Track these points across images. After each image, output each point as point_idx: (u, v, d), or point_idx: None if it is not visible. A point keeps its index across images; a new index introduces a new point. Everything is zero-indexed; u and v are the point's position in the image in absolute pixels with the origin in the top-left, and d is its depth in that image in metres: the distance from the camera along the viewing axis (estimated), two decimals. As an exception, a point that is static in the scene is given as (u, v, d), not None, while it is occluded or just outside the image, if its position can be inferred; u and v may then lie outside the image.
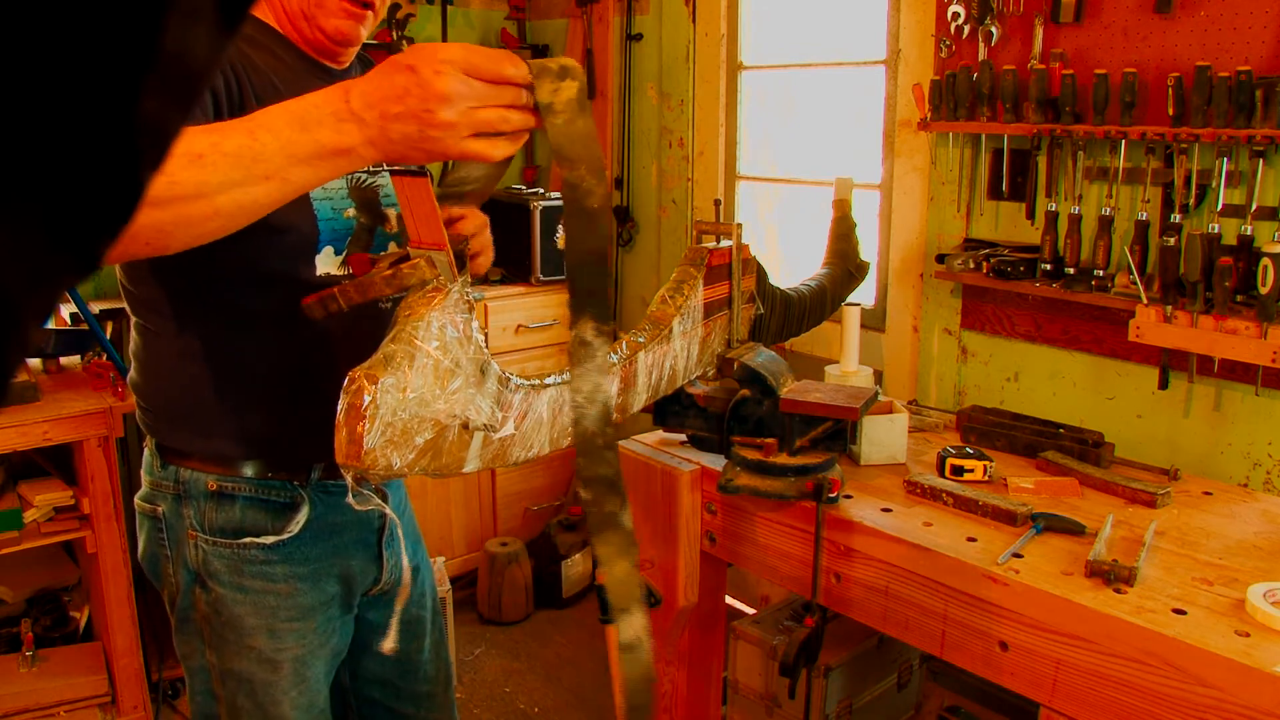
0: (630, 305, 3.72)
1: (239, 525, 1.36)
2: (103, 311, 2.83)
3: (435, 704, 1.70)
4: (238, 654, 1.40)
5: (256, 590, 1.37)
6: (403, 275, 1.03)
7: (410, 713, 1.68)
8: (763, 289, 1.87)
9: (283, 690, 1.42)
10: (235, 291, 1.30)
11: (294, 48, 1.36)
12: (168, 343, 1.34)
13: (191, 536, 1.37)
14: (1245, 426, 2.06)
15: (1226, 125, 1.92)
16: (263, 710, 1.42)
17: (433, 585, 1.71)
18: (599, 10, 3.61)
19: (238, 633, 1.39)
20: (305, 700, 1.44)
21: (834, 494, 1.61)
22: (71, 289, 2.34)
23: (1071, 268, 2.20)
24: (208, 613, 1.40)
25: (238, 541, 1.36)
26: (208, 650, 1.43)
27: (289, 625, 1.40)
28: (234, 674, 1.41)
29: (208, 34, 0.29)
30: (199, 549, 1.37)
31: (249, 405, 1.34)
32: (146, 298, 1.34)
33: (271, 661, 1.40)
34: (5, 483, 2.60)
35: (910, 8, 2.57)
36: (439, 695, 1.70)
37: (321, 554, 1.42)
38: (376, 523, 1.51)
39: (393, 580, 1.55)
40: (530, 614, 3.43)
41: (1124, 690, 1.31)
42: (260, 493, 1.36)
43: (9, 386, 2.31)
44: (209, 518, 1.36)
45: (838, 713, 2.34)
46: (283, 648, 1.40)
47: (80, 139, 0.27)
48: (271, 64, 1.30)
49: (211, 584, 1.37)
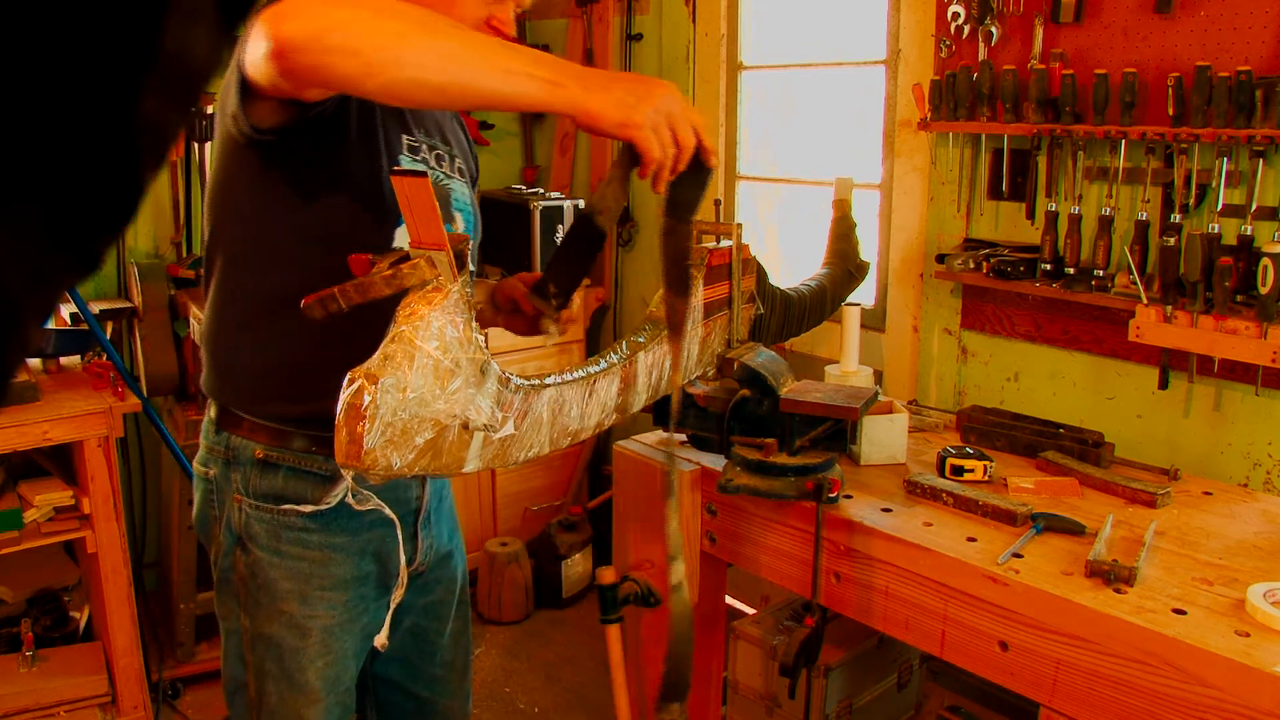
0: (630, 305, 3.72)
1: (280, 492, 1.41)
2: (103, 311, 2.83)
3: (449, 689, 1.73)
4: (269, 618, 1.45)
5: (292, 556, 1.43)
6: (403, 275, 1.03)
7: (425, 696, 1.72)
8: (763, 289, 1.87)
9: (309, 658, 1.46)
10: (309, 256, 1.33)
11: None
12: (240, 305, 1.40)
13: (237, 500, 1.43)
14: (1245, 426, 2.06)
15: (1226, 125, 1.92)
16: (288, 676, 1.46)
17: (464, 573, 1.74)
18: (599, 10, 3.61)
19: (271, 596, 1.44)
20: (331, 672, 1.48)
21: (834, 494, 1.61)
22: (71, 289, 2.35)
23: (1071, 268, 2.20)
24: (245, 575, 1.45)
25: (278, 507, 1.41)
26: (242, 614, 1.48)
27: (321, 594, 1.45)
28: (264, 638, 1.46)
29: (208, 34, 0.29)
30: (242, 512, 1.43)
31: (304, 378, 1.37)
32: (229, 254, 1.39)
33: (301, 628, 1.45)
34: (5, 483, 2.60)
35: (910, 8, 2.57)
36: (454, 682, 1.74)
37: (358, 528, 1.45)
38: (414, 504, 1.55)
39: (427, 563, 1.60)
40: (530, 614, 3.43)
41: (1124, 690, 1.31)
42: (304, 464, 1.41)
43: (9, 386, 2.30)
44: (254, 483, 1.42)
45: (838, 713, 2.34)
46: (313, 615, 1.45)
47: (81, 139, 0.27)
48: None
49: (251, 546, 1.43)
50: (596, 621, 1.85)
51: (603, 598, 1.76)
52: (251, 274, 1.37)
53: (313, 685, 1.47)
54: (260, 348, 1.39)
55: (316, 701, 1.48)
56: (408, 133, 1.44)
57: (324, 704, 1.49)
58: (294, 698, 1.48)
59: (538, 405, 1.22)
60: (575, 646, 3.26)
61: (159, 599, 3.32)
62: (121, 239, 2.88)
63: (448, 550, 1.67)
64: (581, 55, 3.68)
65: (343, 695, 1.52)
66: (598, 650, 3.14)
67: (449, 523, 1.69)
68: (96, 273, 0.38)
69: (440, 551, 1.65)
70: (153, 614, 3.22)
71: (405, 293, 1.04)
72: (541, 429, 1.24)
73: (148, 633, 2.98)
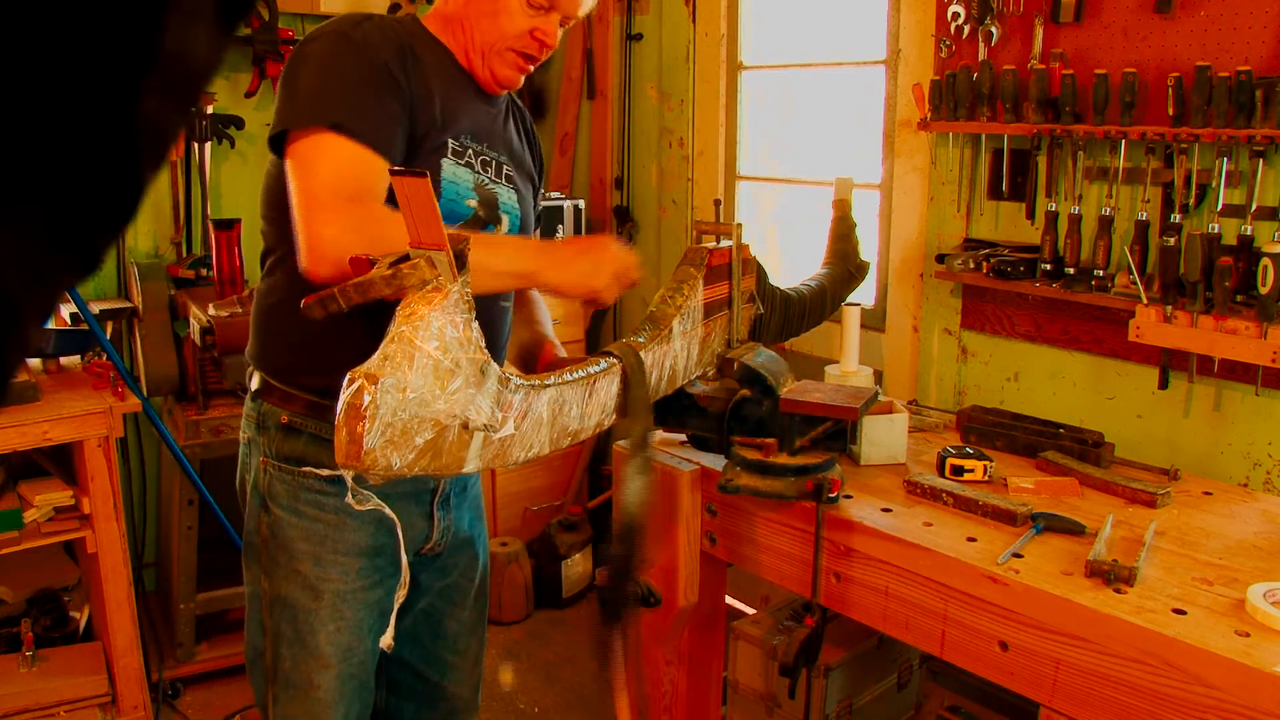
0: (630, 305, 3.72)
1: (301, 455, 1.52)
2: (103, 311, 2.83)
3: (460, 677, 1.79)
4: (286, 578, 1.54)
5: (309, 516, 1.52)
6: (403, 275, 1.03)
7: (434, 679, 1.77)
8: (763, 289, 1.87)
9: (320, 621, 1.53)
10: None
11: (456, 63, 1.58)
12: (280, 282, 1.52)
13: (263, 462, 1.55)
14: (1245, 426, 2.06)
15: (1226, 125, 1.92)
16: (301, 639, 1.54)
17: (485, 565, 1.80)
18: (599, 10, 3.61)
19: (288, 555, 1.53)
20: (342, 640, 1.54)
21: (834, 494, 1.61)
22: (71, 289, 2.34)
23: (1071, 268, 2.20)
24: (266, 535, 1.55)
25: (299, 469, 1.52)
26: (263, 575, 1.57)
27: (334, 557, 1.53)
28: (280, 599, 1.55)
29: (208, 34, 0.29)
30: (267, 473, 1.54)
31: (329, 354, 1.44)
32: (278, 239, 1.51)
33: (314, 589, 1.53)
34: (5, 483, 2.60)
35: (910, 8, 2.57)
36: (465, 669, 1.80)
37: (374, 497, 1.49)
38: (432, 483, 1.61)
39: (444, 544, 1.67)
40: (530, 614, 3.43)
41: (1124, 690, 1.31)
42: (324, 431, 1.51)
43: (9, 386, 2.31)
44: (278, 446, 1.53)
45: (838, 713, 2.34)
46: (326, 578, 1.53)
47: (80, 138, 0.27)
48: (438, 70, 1.52)
49: (272, 506, 1.54)
50: (596, 622, 1.85)
51: (603, 598, 1.76)
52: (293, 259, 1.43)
53: (324, 650, 1.53)
54: (292, 325, 1.48)
55: (327, 667, 1.53)
56: (455, 137, 1.53)
57: (335, 671, 1.54)
58: (306, 661, 1.53)
59: (538, 405, 1.22)
60: (575, 646, 3.26)
61: (159, 599, 3.32)
62: (121, 239, 2.88)
63: (467, 536, 1.72)
64: (581, 55, 3.68)
65: (356, 668, 1.56)
66: (598, 650, 3.14)
67: (472, 511, 1.75)
68: (96, 273, 0.38)
69: (459, 536, 1.71)
70: (153, 614, 3.22)
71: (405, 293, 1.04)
72: (541, 429, 1.24)
73: (148, 633, 2.98)
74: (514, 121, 1.73)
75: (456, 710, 1.82)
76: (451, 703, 1.81)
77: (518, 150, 1.69)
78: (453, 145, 1.52)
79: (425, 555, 1.67)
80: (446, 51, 1.57)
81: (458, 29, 1.56)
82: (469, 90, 1.59)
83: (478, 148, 1.57)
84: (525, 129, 1.77)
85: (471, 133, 1.56)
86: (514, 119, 1.73)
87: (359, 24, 1.46)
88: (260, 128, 3.31)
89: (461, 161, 1.54)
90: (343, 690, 1.55)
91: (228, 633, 3.07)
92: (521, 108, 1.78)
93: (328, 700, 1.54)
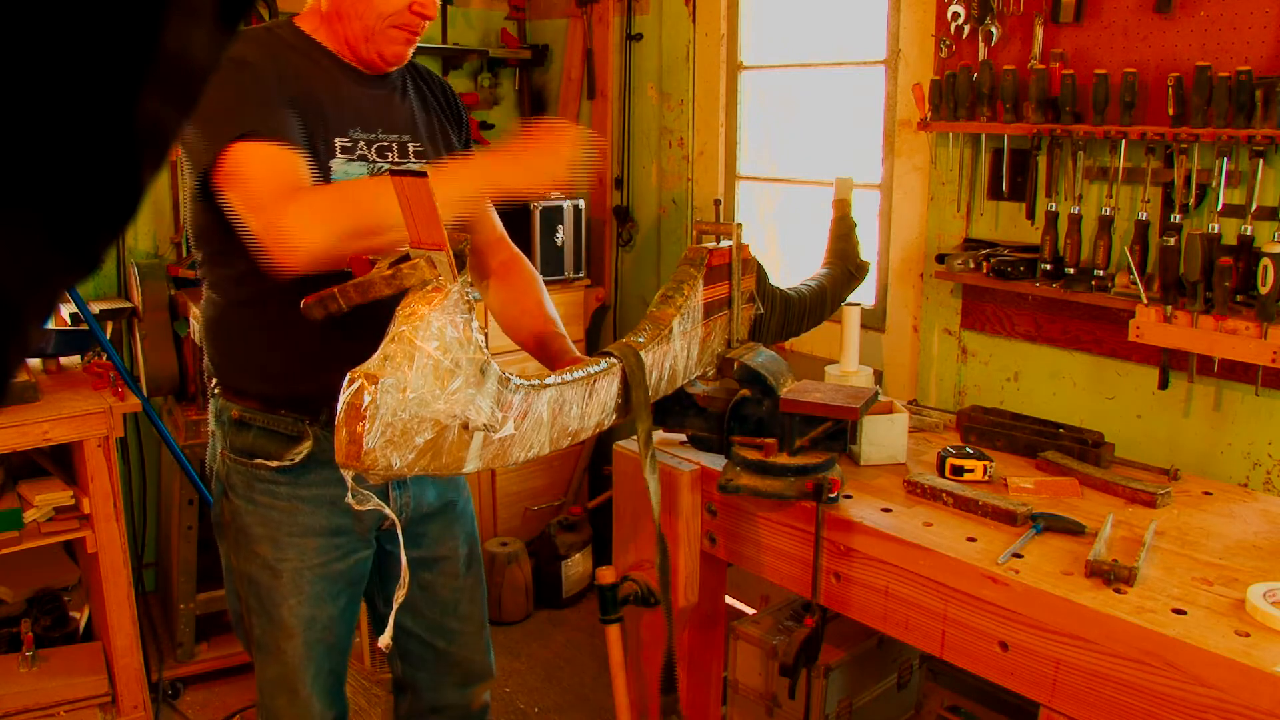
0: (630, 305, 3.72)
1: (251, 448, 1.61)
2: (103, 311, 2.83)
3: (468, 641, 1.87)
4: (248, 559, 1.65)
5: (264, 505, 1.62)
6: (403, 275, 1.03)
7: (441, 646, 1.86)
8: (763, 289, 1.87)
9: (282, 596, 1.63)
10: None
11: (332, 55, 1.60)
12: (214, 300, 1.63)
13: (222, 454, 1.66)
14: (1245, 426, 2.06)
15: (1226, 125, 1.92)
16: (266, 611, 1.65)
17: (470, 534, 1.87)
18: (599, 10, 3.61)
19: (248, 539, 1.64)
20: (305, 611, 1.64)
21: (834, 494, 1.61)
22: (71, 289, 2.34)
23: (1071, 268, 2.20)
24: (229, 520, 1.66)
25: (251, 461, 1.62)
26: (231, 554, 1.69)
27: (290, 539, 1.62)
28: (245, 576, 1.66)
29: (208, 34, 0.29)
30: (225, 464, 1.66)
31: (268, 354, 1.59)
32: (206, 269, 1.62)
33: (272, 569, 1.63)
34: (5, 483, 2.60)
35: (910, 8, 2.57)
36: (472, 633, 1.88)
37: (324, 482, 1.61)
38: None
39: (404, 519, 1.72)
40: (530, 614, 3.43)
41: (1124, 690, 1.31)
42: (271, 424, 1.60)
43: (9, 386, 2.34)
44: (231, 439, 1.63)
45: (838, 713, 2.34)
46: (283, 558, 1.63)
47: (80, 138, 0.27)
48: (314, 70, 1.57)
49: (231, 495, 1.65)
50: (596, 621, 1.86)
51: (603, 598, 1.76)
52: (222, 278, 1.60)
53: (287, 621, 1.64)
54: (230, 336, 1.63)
55: (292, 636, 1.65)
56: (341, 135, 1.57)
57: (300, 639, 1.65)
58: (273, 631, 1.66)
59: (538, 405, 1.22)
60: (575, 646, 3.26)
61: (159, 599, 3.32)
62: (121, 239, 2.87)
63: (433, 508, 1.78)
64: (581, 55, 3.68)
65: (321, 633, 1.66)
66: (598, 650, 3.14)
67: (439, 485, 1.81)
68: (96, 273, 0.38)
69: (426, 508, 1.77)
70: (153, 614, 3.22)
71: (405, 293, 1.04)
72: (541, 429, 1.24)
73: (148, 633, 2.98)
74: (416, 92, 1.73)
75: (470, 676, 1.90)
76: (463, 669, 1.88)
77: (421, 121, 1.71)
78: (341, 143, 1.56)
79: (389, 531, 1.74)
80: (322, 49, 1.60)
81: (335, 22, 1.59)
82: (352, 81, 1.61)
83: (370, 136, 1.60)
84: (432, 91, 1.77)
85: (361, 123, 1.59)
86: (415, 88, 1.74)
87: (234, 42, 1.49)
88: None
89: (353, 156, 1.58)
90: (309, 655, 1.67)
91: (228, 633, 3.07)
92: (425, 72, 1.78)
93: (296, 663, 1.66)
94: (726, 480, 1.64)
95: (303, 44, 1.58)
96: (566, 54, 3.78)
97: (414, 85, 1.74)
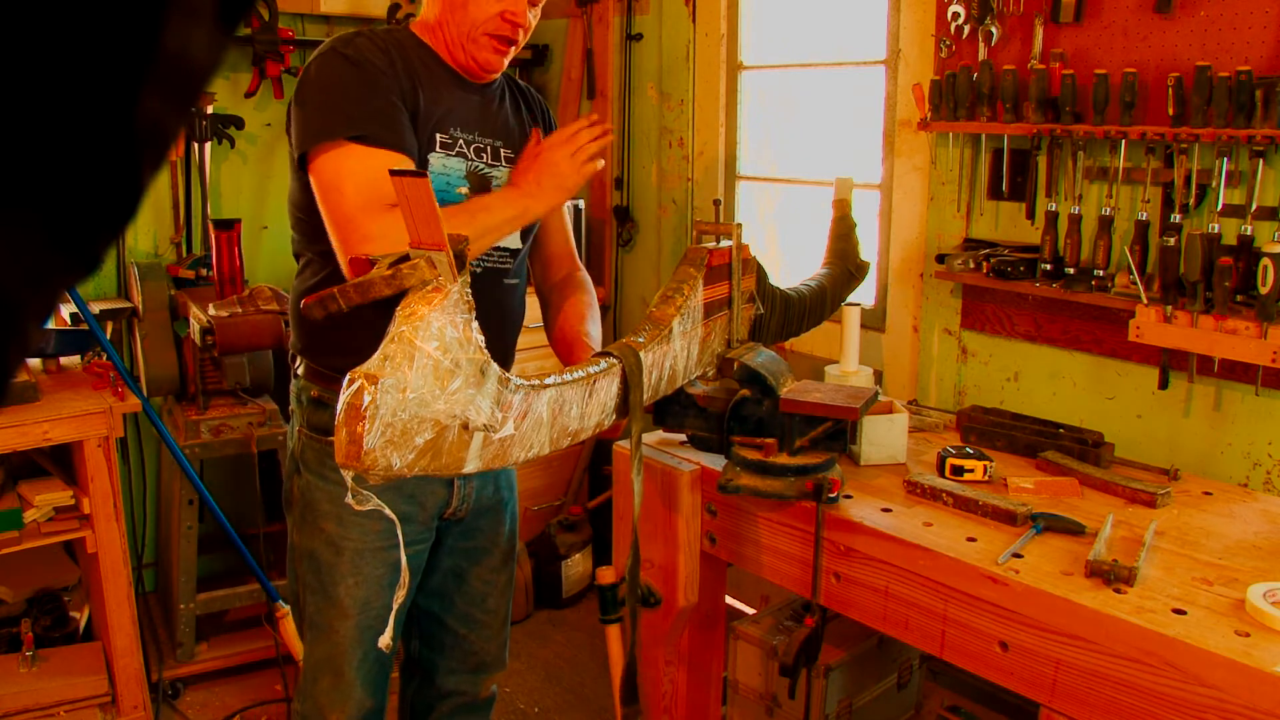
0: (630, 305, 3.72)
1: (328, 426, 1.66)
2: (103, 311, 2.83)
3: (489, 634, 1.94)
4: (312, 534, 1.71)
5: (334, 481, 1.68)
6: (403, 275, 1.03)
7: (463, 632, 1.92)
8: (763, 289, 1.87)
9: (341, 575, 1.69)
10: None
11: (440, 61, 1.71)
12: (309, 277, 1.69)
13: (299, 431, 1.74)
14: (1245, 426, 2.06)
15: (1226, 125, 1.92)
16: (324, 587, 1.71)
17: (512, 532, 1.95)
18: (599, 10, 3.61)
19: (314, 515, 1.71)
20: (361, 592, 1.70)
21: (834, 494, 1.61)
22: (71, 289, 2.34)
23: (1071, 268, 2.20)
24: (298, 496, 1.74)
25: (325, 438, 1.68)
26: (294, 531, 1.76)
27: (355, 519, 1.68)
28: (307, 552, 1.73)
29: (208, 34, 0.29)
30: (300, 440, 1.73)
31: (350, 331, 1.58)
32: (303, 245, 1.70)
33: (335, 546, 1.69)
34: (5, 483, 2.60)
35: (910, 8, 2.57)
36: (494, 627, 1.94)
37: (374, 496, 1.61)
38: None
39: (465, 509, 1.81)
40: (530, 614, 3.43)
41: (1124, 690, 1.31)
42: None
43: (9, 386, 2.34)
44: (309, 417, 1.72)
45: (838, 713, 2.34)
46: (346, 536, 1.69)
47: (80, 138, 0.27)
48: (424, 70, 1.66)
49: (304, 470, 1.73)
50: (596, 621, 1.86)
51: (603, 598, 1.76)
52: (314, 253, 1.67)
53: (343, 601, 1.69)
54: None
55: (347, 617, 1.70)
56: (442, 130, 1.66)
57: (354, 621, 1.70)
58: (328, 609, 1.71)
59: (538, 405, 1.22)
60: (575, 646, 3.26)
61: (159, 599, 3.32)
62: (121, 239, 2.88)
63: (492, 503, 1.87)
64: (581, 55, 3.68)
65: (374, 620, 1.71)
66: (598, 650, 3.14)
67: (501, 478, 1.89)
68: (96, 273, 0.38)
69: (484, 502, 1.85)
70: (153, 614, 3.22)
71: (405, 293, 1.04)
72: (541, 429, 1.24)
73: (148, 633, 2.98)
74: (512, 103, 1.84)
75: (484, 665, 1.96)
76: (479, 657, 1.94)
77: (515, 129, 1.81)
78: (441, 139, 1.66)
79: (448, 520, 1.81)
80: (432, 53, 1.71)
81: (439, 30, 1.70)
82: (456, 85, 1.72)
83: (469, 136, 1.71)
84: (529, 106, 1.88)
85: (461, 124, 1.70)
86: (512, 100, 1.85)
87: (350, 40, 1.61)
88: (260, 127, 3.31)
89: (452, 152, 1.68)
90: (360, 638, 1.71)
91: (228, 633, 3.07)
92: (524, 88, 1.91)
93: (345, 645, 1.71)
94: (726, 480, 1.64)
95: (417, 48, 1.69)
96: (566, 54, 3.78)
97: (512, 97, 1.84)
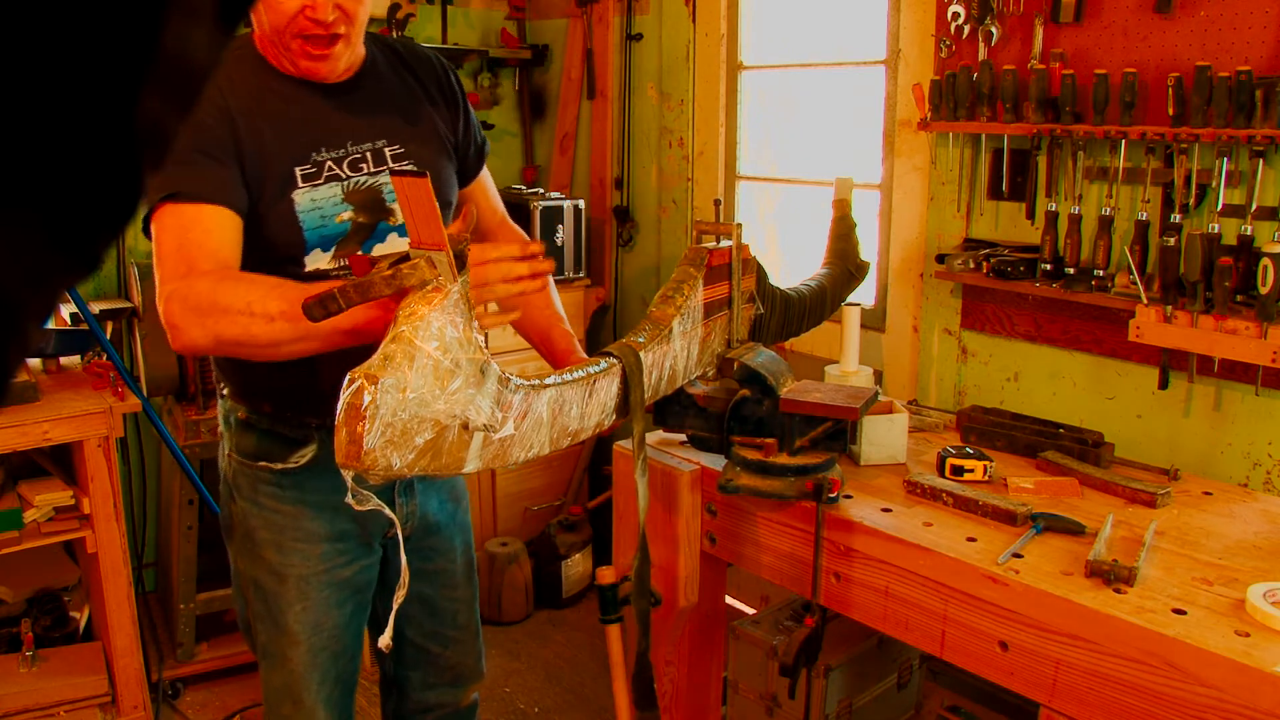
0: (630, 305, 3.72)
1: (256, 450, 1.60)
2: (103, 311, 2.83)
3: (463, 649, 1.89)
4: (253, 562, 1.64)
5: (269, 509, 1.61)
6: (403, 275, 1.03)
7: (437, 651, 1.87)
8: (763, 289, 1.87)
9: (288, 602, 1.62)
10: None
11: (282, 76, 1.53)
12: None
13: (229, 455, 1.66)
14: (1245, 426, 2.06)
15: (1226, 125, 1.92)
16: (272, 615, 1.64)
17: (467, 546, 1.88)
18: (599, 10, 3.61)
19: (253, 544, 1.63)
20: (310, 617, 1.63)
21: (834, 494, 1.61)
22: (71, 289, 2.35)
23: (1071, 268, 2.20)
24: (236, 522, 1.66)
25: (255, 464, 1.61)
26: (237, 557, 1.69)
27: (294, 544, 1.61)
28: (252, 580, 1.66)
29: (208, 34, 0.29)
30: (231, 465, 1.65)
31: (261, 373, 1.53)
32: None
33: (278, 574, 1.62)
34: (5, 483, 2.60)
35: (910, 8, 2.57)
36: (468, 641, 1.90)
37: (330, 488, 1.59)
38: None
39: (409, 529, 1.72)
40: (530, 614, 3.43)
41: (1124, 690, 1.31)
42: (275, 427, 1.59)
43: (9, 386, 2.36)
44: (238, 441, 1.63)
45: (838, 713, 2.34)
46: (288, 564, 1.62)
47: (80, 138, 0.27)
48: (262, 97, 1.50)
49: (237, 496, 1.64)
50: (596, 621, 1.86)
51: (603, 598, 1.76)
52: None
53: (292, 628, 1.62)
54: None
55: (297, 643, 1.63)
56: (301, 161, 1.50)
57: (305, 646, 1.63)
58: (278, 637, 1.64)
59: (538, 405, 1.22)
60: (575, 646, 3.26)
61: (159, 599, 3.32)
62: (121, 239, 2.87)
63: (436, 521, 1.78)
64: (581, 55, 3.68)
65: (326, 641, 1.65)
66: (598, 650, 3.14)
67: (443, 494, 1.80)
68: (96, 273, 0.38)
69: (428, 521, 1.76)
70: (153, 614, 3.22)
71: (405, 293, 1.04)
72: (541, 429, 1.24)
73: (148, 633, 2.98)
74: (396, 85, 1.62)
75: (462, 677, 1.92)
76: (456, 671, 1.91)
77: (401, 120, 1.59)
78: (302, 171, 1.49)
79: (392, 539, 1.72)
80: (273, 71, 1.52)
81: (263, 42, 1.52)
82: (308, 98, 1.52)
83: (336, 154, 1.52)
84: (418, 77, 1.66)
85: (324, 142, 1.51)
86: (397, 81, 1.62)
87: None
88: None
89: (320, 180, 1.50)
90: (314, 662, 1.65)
91: (228, 633, 3.07)
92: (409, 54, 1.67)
93: (300, 671, 1.64)
94: (726, 480, 1.64)
95: (258, 67, 1.51)
96: (566, 54, 3.78)
97: (396, 77, 1.62)
